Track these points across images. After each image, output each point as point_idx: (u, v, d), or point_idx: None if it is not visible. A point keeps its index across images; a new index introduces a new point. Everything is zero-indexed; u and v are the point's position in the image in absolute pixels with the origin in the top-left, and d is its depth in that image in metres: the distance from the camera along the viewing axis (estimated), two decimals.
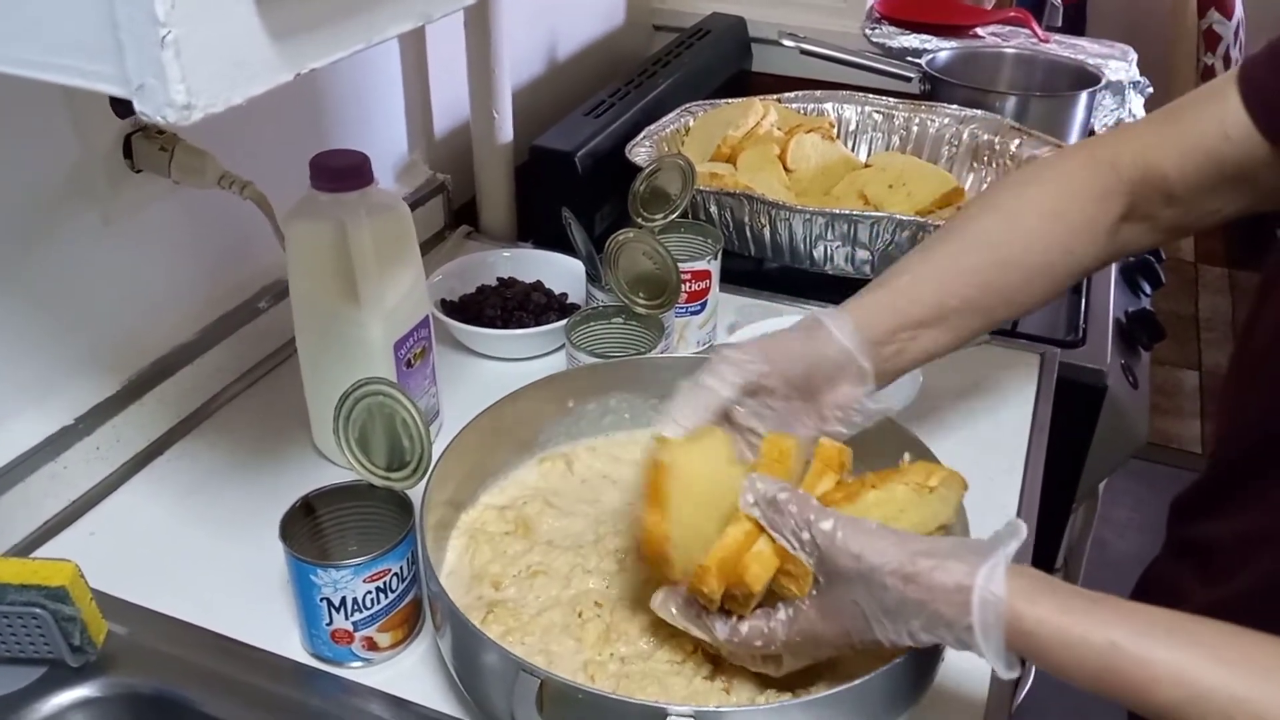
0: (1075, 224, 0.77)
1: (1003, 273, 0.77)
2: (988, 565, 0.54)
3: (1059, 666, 0.54)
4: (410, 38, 1.21)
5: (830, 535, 0.57)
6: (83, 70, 0.43)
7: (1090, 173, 0.78)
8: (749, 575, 0.60)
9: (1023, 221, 0.78)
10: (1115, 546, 2.39)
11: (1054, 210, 0.78)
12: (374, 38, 0.51)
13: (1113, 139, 0.80)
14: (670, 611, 0.64)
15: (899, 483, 0.63)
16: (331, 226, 0.81)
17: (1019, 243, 0.77)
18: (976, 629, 0.54)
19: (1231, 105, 0.71)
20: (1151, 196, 0.77)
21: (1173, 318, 3.24)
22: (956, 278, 0.77)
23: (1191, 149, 0.74)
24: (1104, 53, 1.70)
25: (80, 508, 0.86)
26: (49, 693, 0.70)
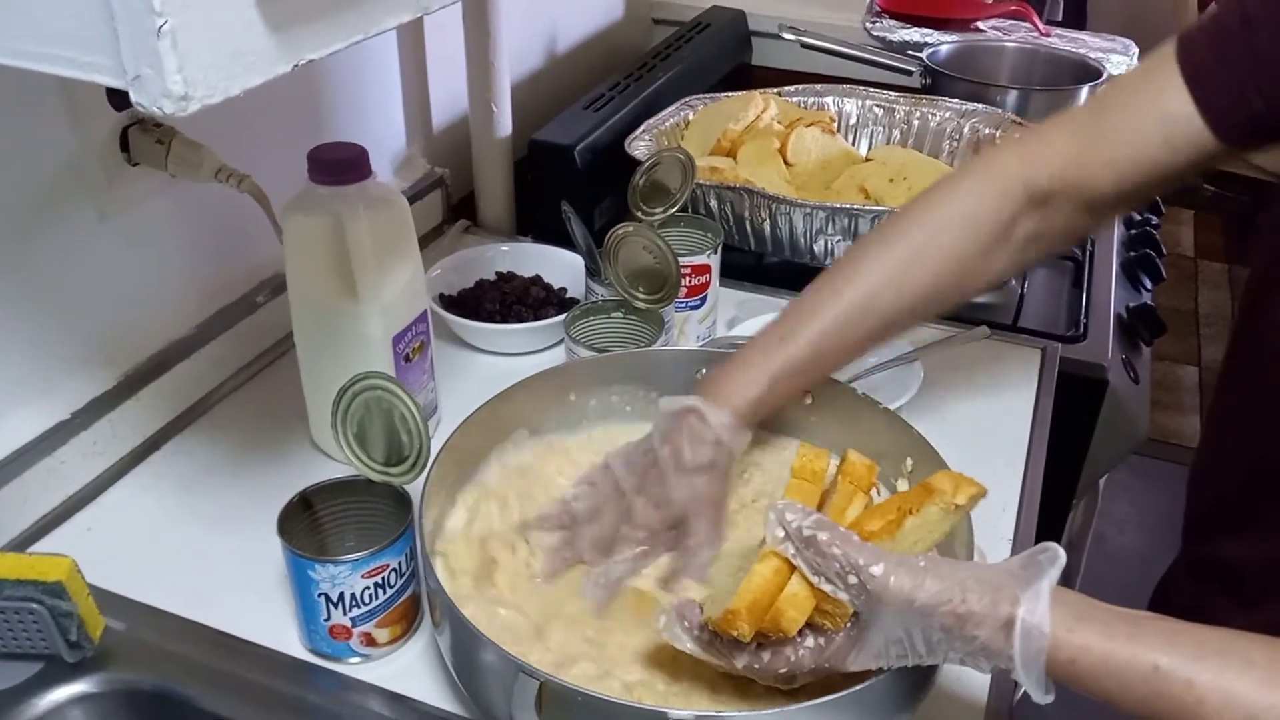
0: (973, 262, 0.76)
1: (886, 331, 0.78)
2: (1029, 595, 0.53)
3: (1103, 693, 0.53)
4: (408, 30, 1.20)
5: (883, 581, 0.55)
6: (78, 61, 0.43)
7: (996, 199, 0.75)
8: (785, 620, 0.57)
9: (916, 277, 0.76)
10: (1115, 541, 2.39)
11: (950, 254, 0.75)
12: (372, 29, 0.51)
13: (1026, 154, 0.75)
14: (680, 637, 0.61)
15: (932, 504, 0.61)
16: (329, 220, 0.80)
17: (909, 298, 0.76)
18: (1017, 660, 0.53)
19: (1176, 108, 0.67)
20: (1074, 211, 0.74)
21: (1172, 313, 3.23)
22: (838, 349, 0.77)
23: (1128, 164, 0.70)
24: (1105, 46, 1.69)
25: (77, 503, 0.85)
26: (45, 688, 0.69)
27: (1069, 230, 0.77)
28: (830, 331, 0.76)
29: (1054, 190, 0.73)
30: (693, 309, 1.04)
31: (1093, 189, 0.72)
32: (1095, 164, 0.71)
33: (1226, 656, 0.51)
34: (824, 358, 0.77)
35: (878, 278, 0.76)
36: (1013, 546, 0.84)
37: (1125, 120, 0.70)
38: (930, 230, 0.76)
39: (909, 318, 0.78)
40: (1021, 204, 0.74)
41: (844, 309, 0.76)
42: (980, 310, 1.18)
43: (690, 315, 1.04)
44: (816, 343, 0.76)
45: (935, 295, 0.77)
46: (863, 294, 0.76)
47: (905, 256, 0.76)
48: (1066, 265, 1.30)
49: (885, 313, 0.76)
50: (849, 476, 0.67)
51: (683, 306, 1.03)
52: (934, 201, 0.78)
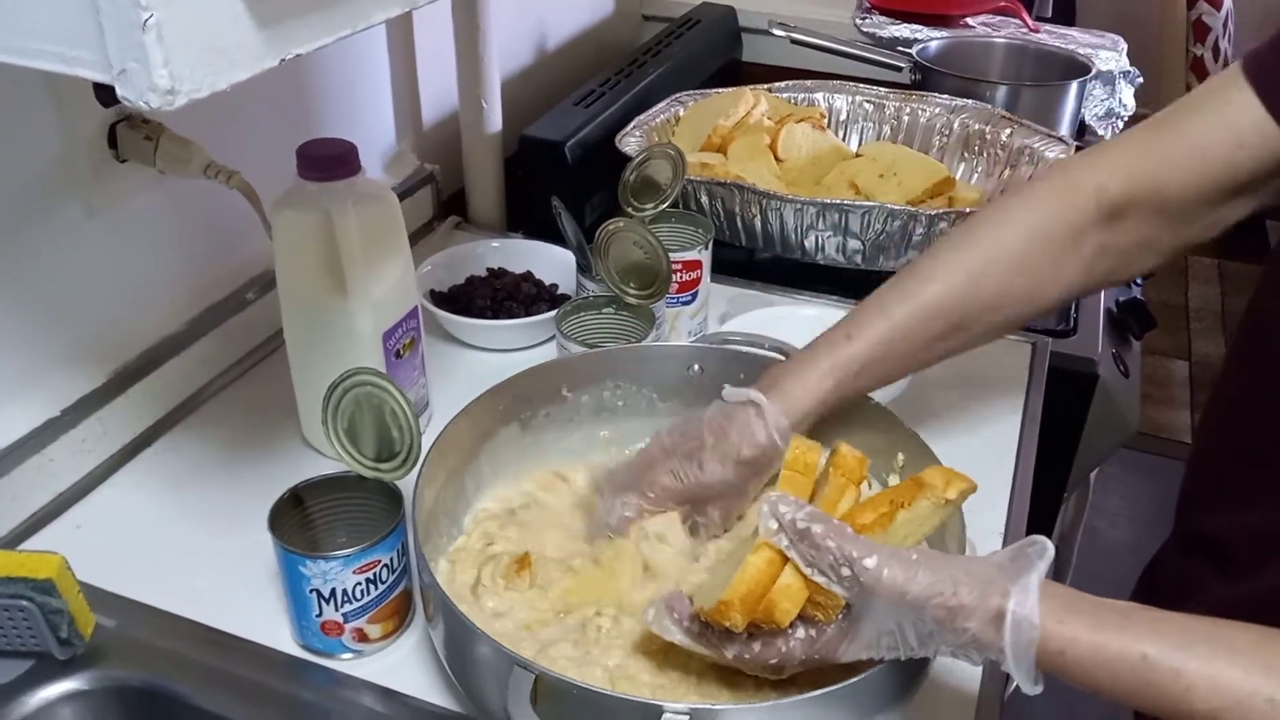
0: (1042, 273, 0.75)
1: (954, 337, 0.77)
2: (1019, 588, 0.54)
3: (1093, 684, 0.53)
4: (398, 26, 1.20)
5: (876, 574, 0.55)
6: (63, 56, 0.43)
7: (1065, 211, 0.74)
8: (778, 612, 0.57)
9: (986, 283, 0.75)
10: (1107, 535, 2.39)
11: (1020, 263, 0.75)
12: (360, 24, 0.51)
13: (1096, 163, 0.76)
14: (668, 629, 0.62)
15: (923, 498, 0.62)
16: (318, 216, 0.80)
17: (978, 306, 0.76)
18: (1008, 652, 0.53)
19: (1241, 108, 0.67)
20: (1147, 220, 0.74)
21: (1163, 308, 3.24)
22: (906, 351, 0.76)
23: (1198, 163, 0.70)
24: (1094, 43, 1.70)
25: (67, 500, 0.85)
26: (36, 686, 0.69)
27: (1144, 243, 0.75)
28: (898, 332, 0.75)
29: (1125, 198, 0.73)
30: (684, 305, 1.04)
31: (1164, 194, 0.72)
32: (1164, 168, 0.71)
33: (1213, 644, 0.52)
34: (890, 360, 0.76)
35: (947, 280, 0.75)
36: (1004, 540, 0.84)
37: (1192, 124, 0.71)
38: (1001, 236, 0.76)
39: (980, 325, 0.77)
40: (1092, 214, 0.74)
41: (912, 310, 0.75)
42: None
43: (681, 311, 1.04)
44: (884, 343, 0.75)
45: (1005, 302, 0.76)
46: (931, 296, 0.75)
47: (975, 260, 0.76)
48: None
49: (954, 316, 0.75)
50: (840, 469, 0.67)
51: (674, 302, 1.03)
52: (1005, 209, 0.78)
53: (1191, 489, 0.84)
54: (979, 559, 0.57)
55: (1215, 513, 0.79)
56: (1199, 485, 0.83)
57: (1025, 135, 1.29)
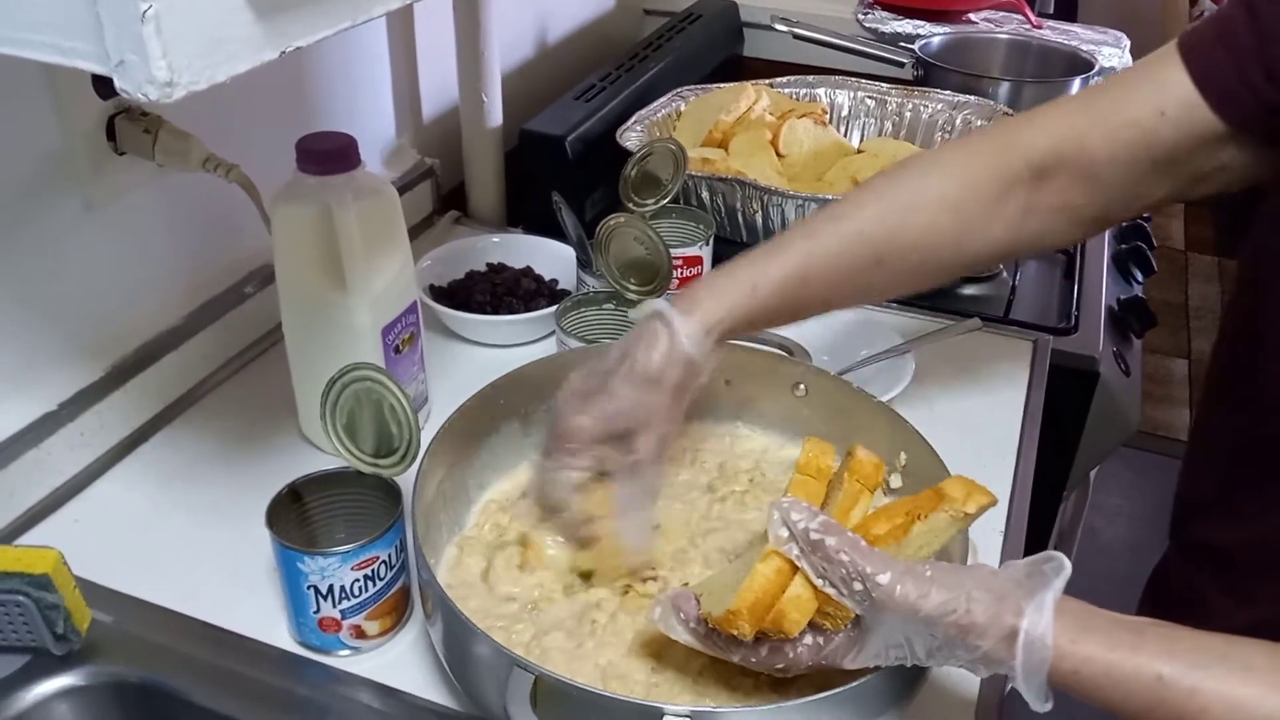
0: (970, 219, 0.75)
1: (875, 271, 0.75)
2: (1033, 606, 0.53)
3: (1106, 702, 0.53)
4: (398, 19, 1.20)
5: (889, 590, 0.54)
6: (61, 47, 0.43)
7: (994, 158, 0.75)
8: (787, 622, 0.56)
9: (913, 217, 0.75)
10: (1105, 533, 2.39)
11: (949, 203, 0.74)
12: (360, 16, 0.50)
13: (1030, 123, 0.76)
14: (675, 628, 0.61)
15: (942, 511, 0.61)
16: (318, 210, 0.80)
17: (903, 240, 0.75)
18: (1019, 671, 0.53)
19: (1168, 81, 0.68)
20: (1071, 184, 0.73)
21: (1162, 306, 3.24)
22: (824, 276, 0.74)
23: (1122, 128, 0.70)
24: (1097, 39, 1.69)
25: (64, 495, 0.85)
26: (32, 681, 0.69)
27: (1067, 208, 0.75)
28: (819, 255, 0.74)
29: (1052, 157, 0.73)
30: None
31: (1087, 156, 0.72)
32: (1090, 131, 0.72)
33: (1228, 663, 0.51)
34: (810, 283, 0.74)
35: (875, 209, 0.75)
36: (1004, 538, 0.84)
37: (1123, 91, 0.71)
38: (933, 177, 0.76)
39: (902, 263, 0.75)
40: (1019, 170, 0.74)
41: (839, 234, 0.74)
42: (971, 302, 1.17)
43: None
44: (804, 264, 0.73)
45: (930, 242, 0.75)
46: (857, 223, 0.74)
47: (905, 195, 0.75)
48: (1058, 258, 1.30)
49: (878, 247, 0.74)
50: (855, 474, 0.66)
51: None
52: (941, 154, 0.80)
53: (1186, 498, 0.83)
54: (993, 573, 0.56)
55: (1211, 524, 0.79)
56: (1193, 494, 0.82)
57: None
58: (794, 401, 0.84)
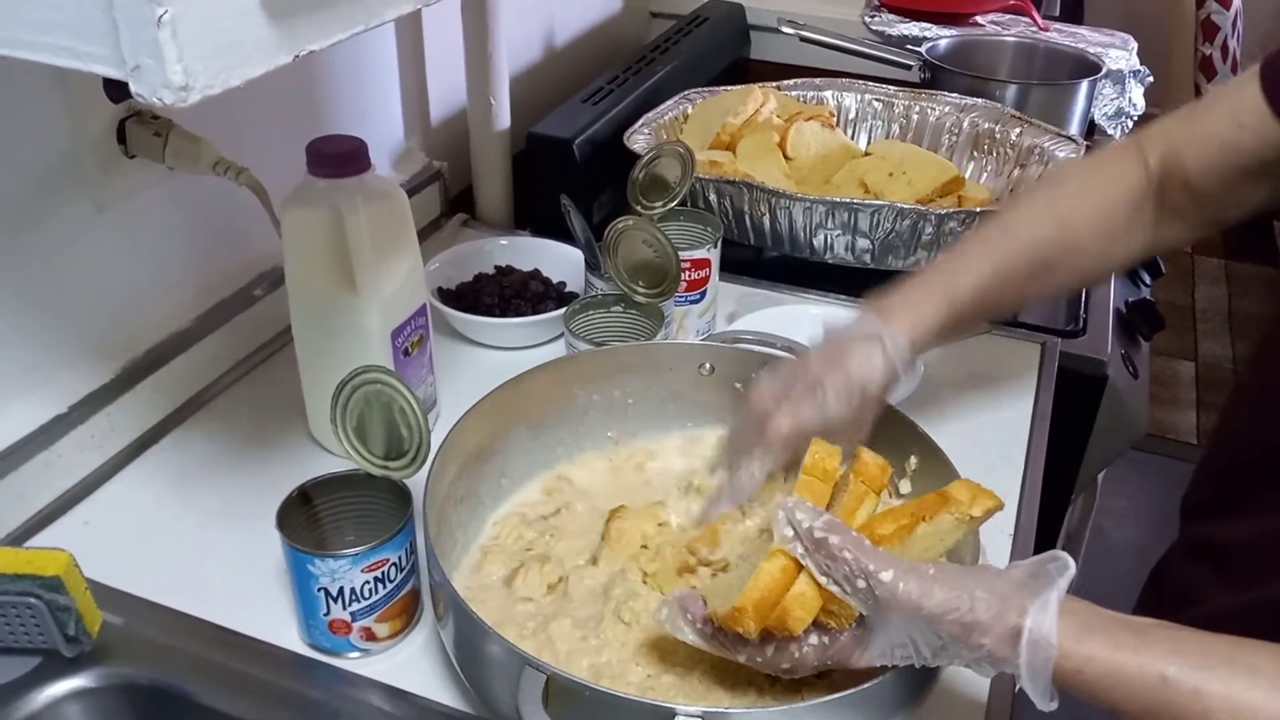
0: (1117, 229, 0.80)
1: (1046, 277, 0.81)
2: (1037, 606, 0.53)
3: (1110, 702, 0.53)
4: (407, 23, 1.20)
5: (892, 588, 0.55)
6: (76, 51, 0.43)
7: (1131, 175, 0.80)
8: (791, 620, 0.57)
9: (1072, 227, 0.80)
10: (1113, 536, 2.39)
11: (1099, 212, 0.80)
12: (373, 20, 0.50)
13: (1148, 136, 0.81)
14: (681, 629, 0.62)
15: (947, 513, 0.61)
16: (328, 213, 0.80)
17: (1067, 246, 0.80)
18: (1024, 670, 0.53)
19: (1248, 94, 0.72)
20: (1178, 192, 0.78)
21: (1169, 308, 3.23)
22: (1006, 286, 0.80)
23: (1207, 137, 0.75)
24: (1104, 41, 1.69)
25: (74, 497, 0.85)
26: (44, 683, 0.69)
27: (1179, 213, 0.79)
28: (999, 266, 0.79)
29: (1162, 169, 0.78)
30: (692, 303, 1.04)
31: (1184, 170, 0.77)
32: (1185, 147, 0.77)
33: (1234, 665, 0.52)
34: (993, 292, 0.79)
35: (1039, 223, 0.81)
36: (1013, 541, 0.84)
37: (1210, 109, 0.77)
38: (1078, 193, 0.82)
39: (1064, 268, 0.81)
40: (1144, 182, 0.79)
41: (1016, 247, 0.80)
42: None
43: (690, 309, 1.04)
44: (991, 273, 0.78)
45: (1085, 250, 0.80)
46: (1028, 234, 0.80)
47: (1063, 208, 0.81)
48: None
49: (1048, 257, 0.80)
50: (861, 476, 0.66)
51: (682, 300, 1.02)
52: (1077, 172, 0.88)
53: (1198, 495, 0.84)
54: (998, 573, 0.57)
55: (1221, 519, 0.79)
56: (1206, 491, 0.83)
57: (1035, 134, 1.29)
58: None
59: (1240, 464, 0.78)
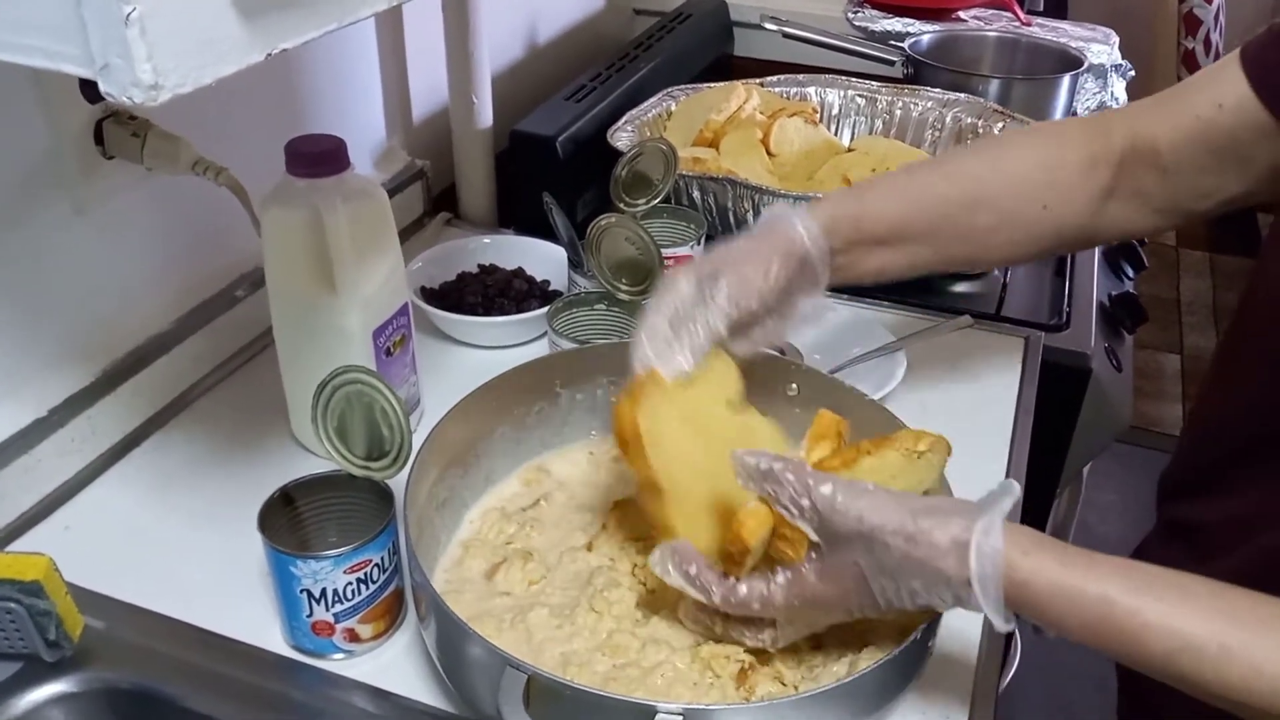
0: (1059, 182, 0.78)
1: (971, 211, 0.79)
2: (984, 519, 0.56)
3: (1054, 618, 0.55)
4: (387, 20, 1.19)
5: (830, 499, 0.58)
6: (45, 50, 0.42)
7: (1084, 136, 0.79)
8: (745, 530, 0.60)
9: (1006, 166, 0.79)
10: (1099, 530, 2.40)
11: (1041, 163, 0.79)
12: (347, 18, 0.50)
13: (1118, 113, 0.81)
14: (668, 571, 0.64)
15: (891, 449, 0.65)
16: (307, 213, 0.79)
17: (997, 185, 0.79)
18: (974, 580, 0.55)
19: (1230, 77, 0.72)
20: (1142, 169, 0.77)
21: (1154, 301, 3.25)
22: (924, 204, 0.78)
23: (1183, 116, 0.75)
24: (1086, 36, 1.70)
25: (55, 501, 0.84)
26: (24, 688, 0.68)
27: (1142, 194, 0.78)
28: (921, 183, 0.79)
29: (1128, 146, 0.77)
30: None
31: (1155, 147, 0.76)
32: (1159, 125, 0.76)
33: (1173, 589, 0.54)
34: (913, 206, 0.78)
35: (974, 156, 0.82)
36: None
37: (1189, 91, 0.76)
38: (1026, 143, 0.82)
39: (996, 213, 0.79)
40: (1105, 151, 0.78)
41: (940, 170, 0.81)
42: (963, 300, 1.18)
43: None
44: (907, 184, 0.79)
45: (1022, 191, 0.79)
46: (959, 163, 0.81)
47: (1000, 151, 0.82)
48: None
49: (978, 188, 0.79)
50: (819, 427, 0.68)
51: None
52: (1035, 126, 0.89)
53: (1174, 476, 0.85)
54: (944, 498, 0.61)
55: (1195, 500, 0.81)
56: (1182, 473, 0.84)
57: (1018, 129, 1.29)
58: (786, 401, 0.84)
59: (1212, 446, 0.80)
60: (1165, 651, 0.52)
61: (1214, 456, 0.79)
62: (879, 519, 0.57)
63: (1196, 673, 0.52)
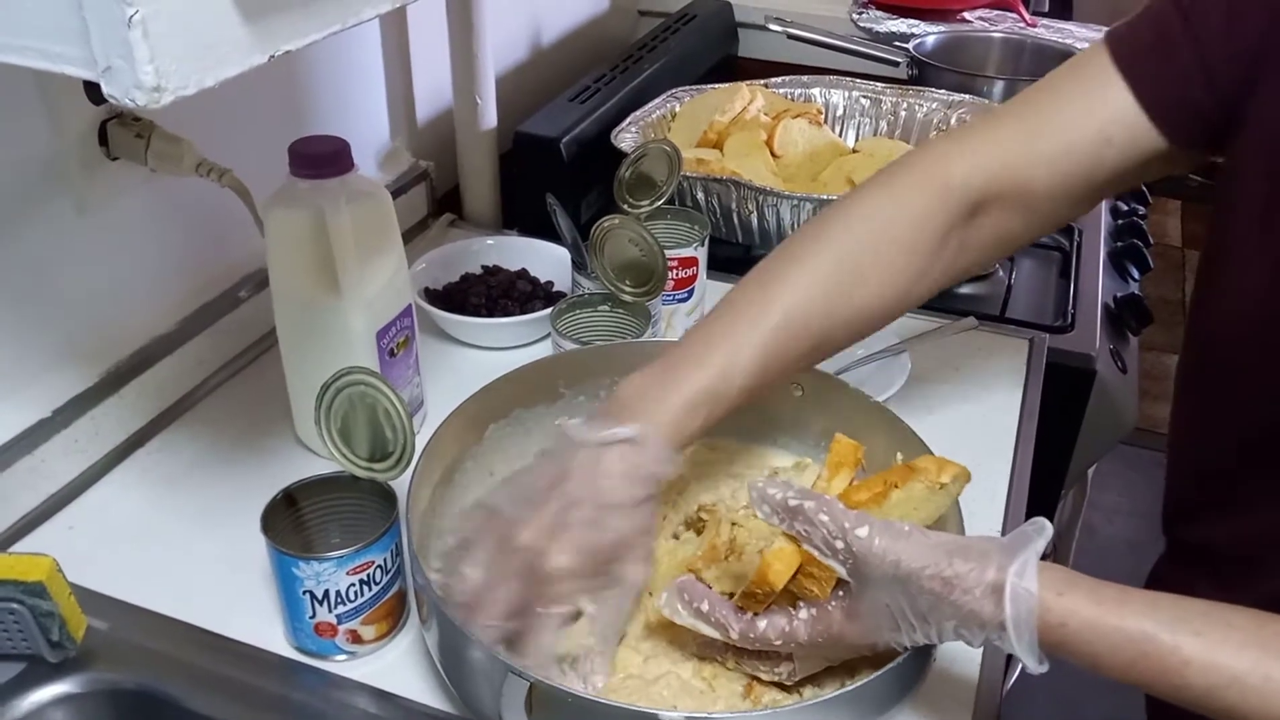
0: (913, 274, 0.71)
1: (824, 348, 0.72)
2: (1018, 561, 0.54)
3: (1092, 658, 0.53)
4: (391, 21, 1.19)
5: (868, 543, 0.55)
6: (48, 53, 0.42)
7: (925, 208, 0.70)
8: (771, 573, 0.58)
9: (854, 295, 0.69)
10: (1104, 531, 2.39)
11: (889, 271, 0.70)
12: (350, 20, 0.50)
13: (961, 153, 0.71)
14: (678, 610, 0.62)
15: (917, 480, 0.63)
16: (311, 214, 0.79)
17: (847, 314, 0.70)
18: (1009, 625, 0.53)
19: (1110, 102, 0.65)
20: (1008, 216, 0.71)
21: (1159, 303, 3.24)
22: (781, 368, 0.69)
23: (1064, 159, 0.67)
24: (1091, 36, 1.69)
25: (59, 501, 0.84)
26: (27, 689, 0.68)
27: (1002, 237, 0.72)
28: (771, 354, 0.68)
29: (989, 193, 0.70)
30: (680, 302, 1.03)
31: (1030, 190, 0.69)
32: (1030, 163, 0.69)
33: (1210, 621, 0.53)
34: (769, 376, 0.69)
35: (814, 292, 0.69)
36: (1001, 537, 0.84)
37: (1062, 116, 0.68)
38: (870, 241, 0.70)
39: (843, 338, 0.72)
40: (952, 213, 0.70)
41: (776, 335, 0.68)
42: (967, 301, 1.17)
43: (678, 308, 1.03)
44: (764, 363, 0.68)
45: (874, 309, 0.71)
46: (798, 318, 0.68)
47: (844, 272, 0.70)
48: (1054, 256, 1.30)
49: (819, 334, 0.70)
50: (837, 455, 0.67)
51: (670, 299, 1.02)
52: (870, 208, 0.72)
53: (1174, 501, 0.83)
54: (976, 536, 0.58)
55: (1203, 523, 0.78)
56: (1182, 496, 0.82)
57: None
58: (793, 402, 0.84)
59: (1207, 464, 0.77)
60: (1207, 686, 0.51)
61: (1211, 474, 0.76)
62: (916, 563, 0.55)
63: (1242, 706, 0.51)
